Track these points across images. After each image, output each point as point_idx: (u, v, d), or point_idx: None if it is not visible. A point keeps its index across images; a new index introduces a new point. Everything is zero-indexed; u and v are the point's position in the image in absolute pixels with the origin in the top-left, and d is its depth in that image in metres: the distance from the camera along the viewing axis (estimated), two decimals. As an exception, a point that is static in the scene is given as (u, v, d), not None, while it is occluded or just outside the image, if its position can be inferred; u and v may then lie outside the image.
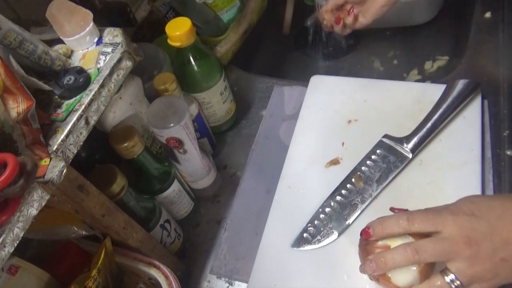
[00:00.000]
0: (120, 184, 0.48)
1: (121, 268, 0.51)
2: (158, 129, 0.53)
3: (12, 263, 0.43)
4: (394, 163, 0.58)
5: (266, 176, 0.66)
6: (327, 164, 0.62)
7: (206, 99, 0.66)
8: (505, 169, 0.57)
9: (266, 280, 0.53)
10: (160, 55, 0.64)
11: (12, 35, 0.39)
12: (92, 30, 0.46)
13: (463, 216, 0.40)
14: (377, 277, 0.45)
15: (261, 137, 0.71)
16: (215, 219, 0.65)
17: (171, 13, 0.73)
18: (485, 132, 0.60)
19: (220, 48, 0.76)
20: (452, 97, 0.60)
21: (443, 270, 0.40)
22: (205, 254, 0.61)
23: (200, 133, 0.66)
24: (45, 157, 0.36)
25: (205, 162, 0.61)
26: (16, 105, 0.34)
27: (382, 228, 0.44)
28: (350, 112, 0.66)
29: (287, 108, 0.74)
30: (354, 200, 0.56)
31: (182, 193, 0.60)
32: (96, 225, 0.46)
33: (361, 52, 0.91)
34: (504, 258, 0.38)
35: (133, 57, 0.46)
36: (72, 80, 0.41)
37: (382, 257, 0.42)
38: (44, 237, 0.47)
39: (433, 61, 0.83)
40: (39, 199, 0.34)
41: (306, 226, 0.56)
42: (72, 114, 0.40)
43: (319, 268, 0.53)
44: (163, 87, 0.57)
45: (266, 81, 0.80)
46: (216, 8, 0.76)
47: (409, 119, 0.62)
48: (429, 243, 0.40)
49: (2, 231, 0.32)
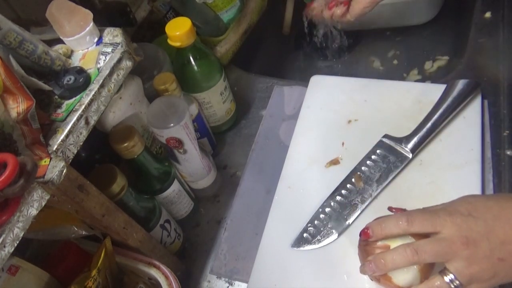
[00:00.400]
0: (120, 184, 0.48)
1: (121, 268, 0.51)
2: (158, 129, 0.53)
3: (12, 263, 0.43)
4: (394, 163, 0.58)
5: (266, 176, 0.66)
6: (327, 164, 0.62)
7: (206, 99, 0.66)
8: (505, 169, 0.57)
9: (266, 280, 0.53)
10: (160, 55, 0.64)
11: (12, 35, 0.39)
12: (92, 30, 0.46)
13: (461, 217, 0.40)
14: (378, 277, 0.45)
15: (261, 137, 0.71)
16: (215, 219, 0.65)
17: (171, 13, 0.73)
18: (485, 132, 0.60)
19: (220, 48, 0.76)
20: (452, 97, 0.60)
21: (442, 270, 0.41)
22: (205, 254, 0.61)
23: (200, 133, 0.66)
24: (45, 157, 0.36)
25: (205, 162, 0.61)
26: (16, 105, 0.34)
27: (381, 229, 0.44)
28: (350, 112, 0.66)
29: (287, 108, 0.74)
30: (354, 200, 0.56)
31: (182, 193, 0.60)
32: (96, 225, 0.46)
33: (361, 52, 0.91)
34: (502, 258, 0.38)
35: (133, 57, 0.46)
36: (72, 80, 0.41)
37: (381, 258, 0.42)
38: (44, 237, 0.47)
39: (433, 61, 0.83)
40: (39, 199, 0.34)
41: (306, 226, 0.56)
42: (72, 114, 0.40)
43: (319, 268, 0.53)
44: (163, 87, 0.57)
45: (266, 81, 0.80)
46: (216, 8, 0.76)
47: (409, 119, 0.62)
48: (428, 244, 0.40)
49: (2, 231, 0.32)
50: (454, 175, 0.56)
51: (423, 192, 0.56)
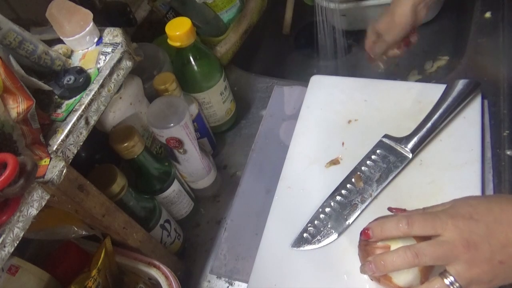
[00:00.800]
0: (120, 184, 0.48)
1: (121, 268, 0.51)
2: (158, 129, 0.53)
3: (12, 263, 0.43)
4: (394, 163, 0.58)
5: (266, 176, 0.66)
6: (327, 164, 0.62)
7: (206, 99, 0.66)
8: (505, 169, 0.57)
9: (266, 280, 0.53)
10: (160, 55, 0.64)
11: (12, 35, 0.39)
12: (92, 30, 0.46)
13: (462, 220, 0.40)
14: (378, 277, 0.45)
15: (261, 137, 0.71)
16: (215, 219, 0.65)
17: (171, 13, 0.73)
18: (485, 132, 0.60)
19: (220, 48, 0.76)
20: (452, 97, 0.60)
21: (442, 273, 0.41)
22: (205, 254, 0.61)
23: (200, 133, 0.66)
24: (45, 157, 0.36)
25: (205, 162, 0.61)
26: (16, 105, 0.34)
27: (382, 230, 0.44)
28: (350, 112, 0.66)
29: (287, 108, 0.74)
30: (354, 200, 0.56)
31: (182, 193, 0.60)
32: (96, 225, 0.46)
33: (361, 52, 0.91)
34: (502, 261, 0.38)
35: (133, 57, 0.46)
36: (72, 80, 0.41)
37: (382, 260, 0.42)
38: (44, 237, 0.47)
39: (433, 61, 0.83)
40: (39, 199, 0.34)
41: (306, 226, 0.56)
42: (72, 114, 0.40)
43: (319, 268, 0.53)
44: (163, 87, 0.57)
45: (266, 81, 0.80)
46: (216, 8, 0.76)
47: (409, 119, 0.61)
48: (429, 247, 0.40)
49: (2, 231, 0.32)
50: (454, 175, 0.56)
51: (423, 192, 0.56)
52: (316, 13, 0.81)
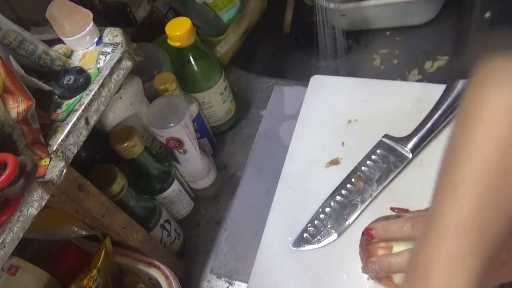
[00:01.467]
0: (120, 184, 0.48)
1: (121, 268, 0.51)
2: (158, 129, 0.53)
3: (12, 263, 0.43)
4: (394, 163, 0.58)
5: (266, 176, 0.66)
6: (327, 164, 0.62)
7: (206, 99, 0.66)
8: (505, 169, 0.57)
9: (266, 280, 0.53)
10: (160, 55, 0.64)
11: (12, 35, 0.39)
12: (92, 30, 0.46)
13: None
14: (379, 277, 0.45)
15: (261, 137, 0.71)
16: (215, 219, 0.65)
17: (171, 13, 0.73)
18: (485, 132, 0.60)
19: (220, 48, 0.76)
20: (452, 97, 0.60)
21: None
22: (205, 254, 0.61)
23: (200, 133, 0.66)
24: (45, 157, 0.36)
25: (205, 162, 0.61)
26: (16, 105, 0.34)
27: (385, 232, 0.44)
28: (350, 112, 0.66)
29: (287, 108, 0.74)
30: (354, 200, 0.56)
31: (182, 193, 0.60)
32: (96, 225, 0.46)
33: (361, 52, 0.91)
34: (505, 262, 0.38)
35: (133, 57, 0.46)
36: (72, 80, 0.41)
37: (386, 262, 0.42)
38: (44, 237, 0.47)
39: (433, 61, 0.83)
40: (39, 199, 0.34)
41: (306, 226, 0.56)
42: (72, 114, 0.40)
43: (319, 268, 0.53)
44: (163, 87, 0.57)
45: (266, 81, 0.80)
46: (216, 8, 0.76)
47: (409, 119, 0.61)
48: None
49: (2, 231, 0.32)
50: (454, 175, 0.56)
51: (423, 192, 0.55)
52: (316, 13, 0.81)
